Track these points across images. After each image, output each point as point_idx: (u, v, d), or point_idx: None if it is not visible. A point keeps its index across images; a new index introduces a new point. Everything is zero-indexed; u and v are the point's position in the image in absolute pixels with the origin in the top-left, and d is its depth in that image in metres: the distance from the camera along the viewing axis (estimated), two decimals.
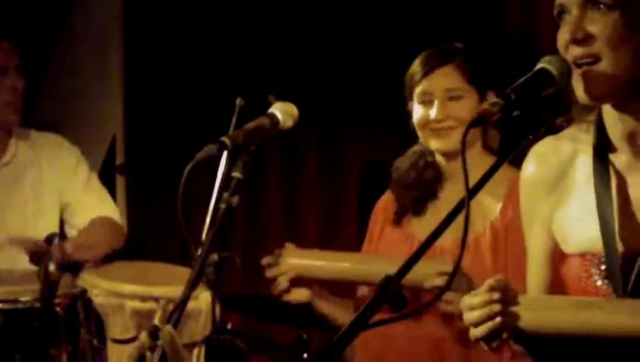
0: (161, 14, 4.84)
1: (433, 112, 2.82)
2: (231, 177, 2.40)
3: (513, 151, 2.01)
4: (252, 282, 4.17)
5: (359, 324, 1.83)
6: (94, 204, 3.91)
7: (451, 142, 2.81)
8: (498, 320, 1.93)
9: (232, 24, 4.70)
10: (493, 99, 1.98)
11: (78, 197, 3.89)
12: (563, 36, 1.98)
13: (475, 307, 1.95)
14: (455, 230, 1.92)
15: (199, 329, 3.21)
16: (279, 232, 4.63)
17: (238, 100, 2.58)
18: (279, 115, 2.55)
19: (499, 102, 1.92)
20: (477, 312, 1.95)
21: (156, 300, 3.23)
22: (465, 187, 1.87)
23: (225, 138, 2.39)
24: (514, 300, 1.96)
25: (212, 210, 2.38)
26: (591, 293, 2.01)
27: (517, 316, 1.95)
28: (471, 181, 1.89)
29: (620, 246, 1.98)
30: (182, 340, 2.32)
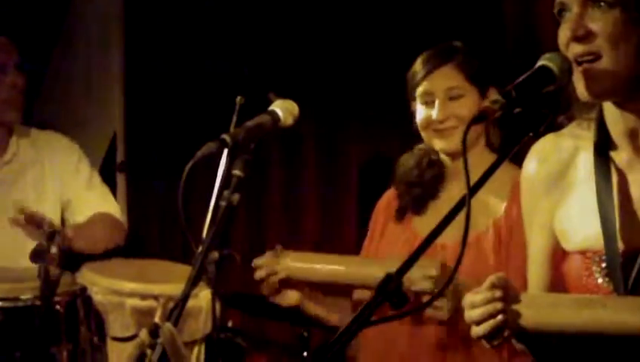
0: (161, 13, 4.84)
1: (434, 113, 2.82)
2: (231, 175, 2.40)
3: (514, 148, 2.01)
4: (252, 280, 4.17)
5: (359, 323, 1.83)
6: (96, 202, 3.91)
7: (454, 141, 2.81)
8: (500, 318, 1.93)
9: (233, 22, 4.70)
10: (494, 96, 1.98)
11: (80, 194, 3.88)
12: (564, 33, 1.98)
13: (477, 305, 1.95)
14: (457, 228, 1.91)
15: (199, 327, 3.22)
16: (280, 230, 4.63)
17: (239, 98, 2.57)
18: (280, 113, 2.54)
19: (500, 99, 1.92)
20: (479, 310, 1.94)
21: (156, 298, 3.23)
22: (466, 185, 1.87)
23: (225, 136, 2.39)
24: (515, 298, 1.96)
25: (212, 208, 2.38)
26: (592, 291, 2.01)
27: (518, 314, 1.95)
28: (475, 179, 1.89)
29: (621, 243, 1.98)
30: (182, 338, 2.32)
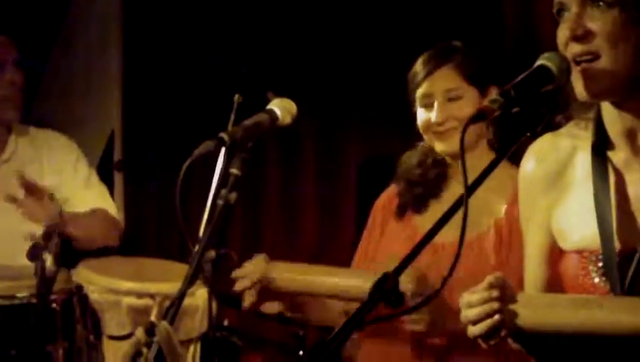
0: (159, 11, 4.84)
1: (434, 115, 2.82)
2: (229, 174, 2.40)
3: (512, 148, 2.01)
4: None
5: (355, 322, 1.83)
6: (93, 200, 3.90)
7: (454, 143, 2.80)
8: (496, 317, 1.93)
9: (231, 22, 4.70)
10: (492, 96, 1.98)
11: (78, 193, 3.88)
12: (563, 33, 1.98)
13: (474, 304, 1.95)
14: (458, 227, 1.91)
15: (196, 325, 3.21)
16: (277, 229, 4.63)
17: (237, 97, 2.57)
18: (278, 112, 2.54)
19: (498, 99, 1.92)
20: (475, 310, 1.94)
21: (153, 297, 3.22)
22: (464, 185, 1.87)
23: (223, 134, 2.39)
24: (512, 298, 1.96)
25: (210, 207, 2.37)
26: (588, 290, 2.01)
27: (515, 314, 1.95)
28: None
29: (618, 243, 1.98)
30: (178, 337, 2.32)
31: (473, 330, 1.95)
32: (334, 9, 4.50)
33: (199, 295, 3.12)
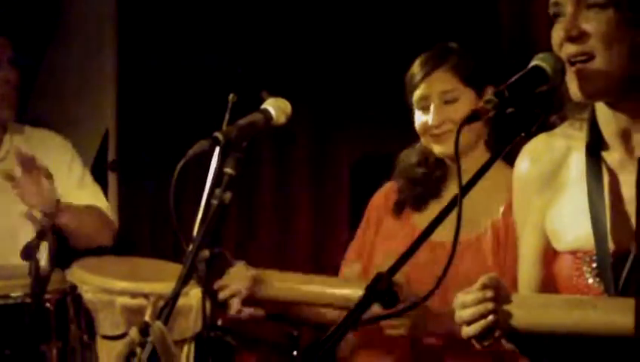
0: (154, 11, 4.84)
1: (430, 118, 2.82)
2: (223, 173, 2.40)
3: (506, 148, 2.01)
4: None
5: (349, 322, 1.82)
6: (87, 200, 3.89)
7: (452, 145, 2.78)
8: (490, 318, 1.93)
9: (226, 21, 4.69)
10: (487, 96, 1.98)
11: (72, 193, 3.87)
12: (557, 34, 1.99)
13: (468, 305, 1.95)
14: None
15: (190, 325, 3.20)
16: (271, 229, 4.63)
17: (231, 96, 2.57)
18: (272, 111, 2.54)
19: (492, 99, 1.93)
20: (469, 310, 1.94)
21: (146, 296, 3.21)
22: (459, 186, 1.87)
23: (217, 134, 2.39)
24: (507, 298, 1.96)
25: (204, 206, 2.37)
26: (582, 291, 2.01)
27: (509, 314, 1.95)
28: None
29: (612, 244, 1.98)
30: (172, 336, 2.32)
31: (467, 331, 1.95)
32: (328, 9, 4.49)
33: (193, 295, 3.11)
